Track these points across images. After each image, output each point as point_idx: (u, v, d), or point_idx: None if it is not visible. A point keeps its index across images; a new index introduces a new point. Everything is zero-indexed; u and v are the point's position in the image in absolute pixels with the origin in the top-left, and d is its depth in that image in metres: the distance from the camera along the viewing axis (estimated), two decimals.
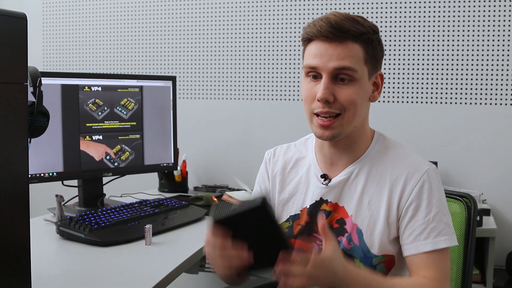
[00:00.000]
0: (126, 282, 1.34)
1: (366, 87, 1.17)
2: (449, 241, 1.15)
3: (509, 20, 2.33)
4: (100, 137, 2.01)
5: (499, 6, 2.33)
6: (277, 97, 2.64)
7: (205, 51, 2.73)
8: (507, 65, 2.35)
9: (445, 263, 1.15)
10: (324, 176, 1.24)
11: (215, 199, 2.17)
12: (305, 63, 1.18)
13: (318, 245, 1.22)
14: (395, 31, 2.46)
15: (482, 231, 2.11)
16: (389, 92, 2.49)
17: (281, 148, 1.35)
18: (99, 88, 2.00)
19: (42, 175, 1.86)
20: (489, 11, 2.35)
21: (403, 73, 2.47)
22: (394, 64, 2.47)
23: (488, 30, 2.36)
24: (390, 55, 2.47)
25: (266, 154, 1.37)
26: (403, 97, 2.48)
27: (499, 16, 2.34)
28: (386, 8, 2.46)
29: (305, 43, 1.19)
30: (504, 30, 2.34)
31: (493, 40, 2.35)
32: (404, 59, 2.46)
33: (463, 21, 2.38)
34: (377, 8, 2.47)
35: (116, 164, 2.05)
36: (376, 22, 2.47)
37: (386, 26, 2.47)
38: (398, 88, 2.48)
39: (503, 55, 2.35)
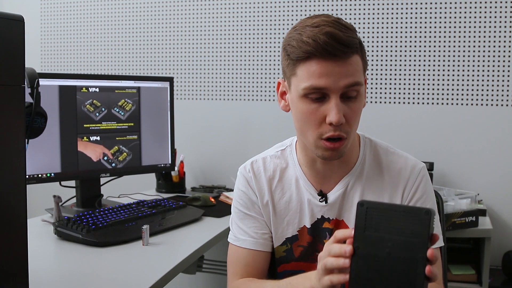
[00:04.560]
0: (123, 282, 1.34)
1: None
2: (440, 241, 1.17)
3: (509, 21, 2.34)
4: (98, 138, 2.02)
5: (496, 6, 2.34)
6: (274, 98, 2.65)
7: (202, 52, 2.74)
8: (503, 66, 2.36)
9: (441, 265, 1.20)
10: (321, 194, 1.20)
11: (213, 200, 2.18)
12: (306, 84, 1.05)
13: None
14: (391, 32, 2.47)
15: (478, 231, 2.11)
16: (385, 93, 2.50)
17: (257, 162, 1.25)
18: (97, 89, 2.01)
19: (39, 175, 1.86)
20: (485, 12, 2.36)
21: (399, 74, 2.48)
22: (391, 65, 2.48)
23: (485, 32, 2.36)
24: (386, 56, 2.48)
25: (244, 171, 1.25)
26: (399, 98, 2.49)
27: (496, 17, 2.35)
28: (382, 8, 2.47)
29: (300, 60, 1.06)
30: (501, 32, 2.35)
31: (490, 42, 2.36)
32: (400, 60, 2.47)
33: (461, 22, 2.39)
34: (373, 8, 2.48)
35: (113, 164, 2.06)
36: (372, 22, 2.48)
37: (382, 28, 2.48)
38: (395, 89, 2.49)
39: (499, 56, 2.36)
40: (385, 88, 2.50)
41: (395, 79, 2.49)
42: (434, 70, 2.44)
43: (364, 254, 0.86)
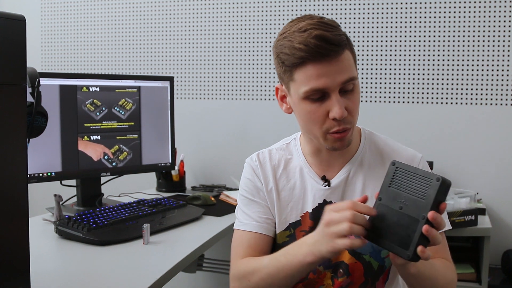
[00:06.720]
0: (124, 281, 1.35)
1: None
2: (446, 224, 1.21)
3: (508, 21, 2.34)
4: (98, 137, 2.02)
5: (496, 6, 2.35)
6: (274, 98, 2.64)
7: (203, 52, 2.74)
8: (502, 65, 2.36)
9: (447, 244, 1.25)
10: (324, 178, 1.24)
11: (213, 199, 2.19)
12: (306, 88, 1.10)
13: None
14: (391, 31, 2.47)
15: (478, 230, 2.12)
16: (385, 92, 2.51)
17: (263, 153, 1.31)
18: (97, 89, 2.01)
19: (40, 175, 1.87)
20: (485, 11, 2.36)
21: (399, 73, 2.48)
22: (390, 64, 2.49)
23: (484, 31, 2.37)
24: (386, 55, 2.49)
25: (250, 161, 1.31)
26: (399, 97, 2.49)
27: (496, 16, 2.35)
28: (382, 8, 2.48)
29: (295, 66, 1.10)
30: (501, 31, 2.35)
31: (489, 41, 2.37)
32: (400, 59, 2.48)
33: (460, 21, 2.40)
34: (373, 8, 2.48)
35: (114, 164, 2.07)
36: (372, 22, 2.49)
37: (382, 27, 2.48)
38: (394, 88, 2.49)
39: (498, 55, 2.36)
40: (384, 88, 2.51)
41: (394, 78, 2.49)
42: (433, 69, 2.44)
43: (383, 205, 0.98)
